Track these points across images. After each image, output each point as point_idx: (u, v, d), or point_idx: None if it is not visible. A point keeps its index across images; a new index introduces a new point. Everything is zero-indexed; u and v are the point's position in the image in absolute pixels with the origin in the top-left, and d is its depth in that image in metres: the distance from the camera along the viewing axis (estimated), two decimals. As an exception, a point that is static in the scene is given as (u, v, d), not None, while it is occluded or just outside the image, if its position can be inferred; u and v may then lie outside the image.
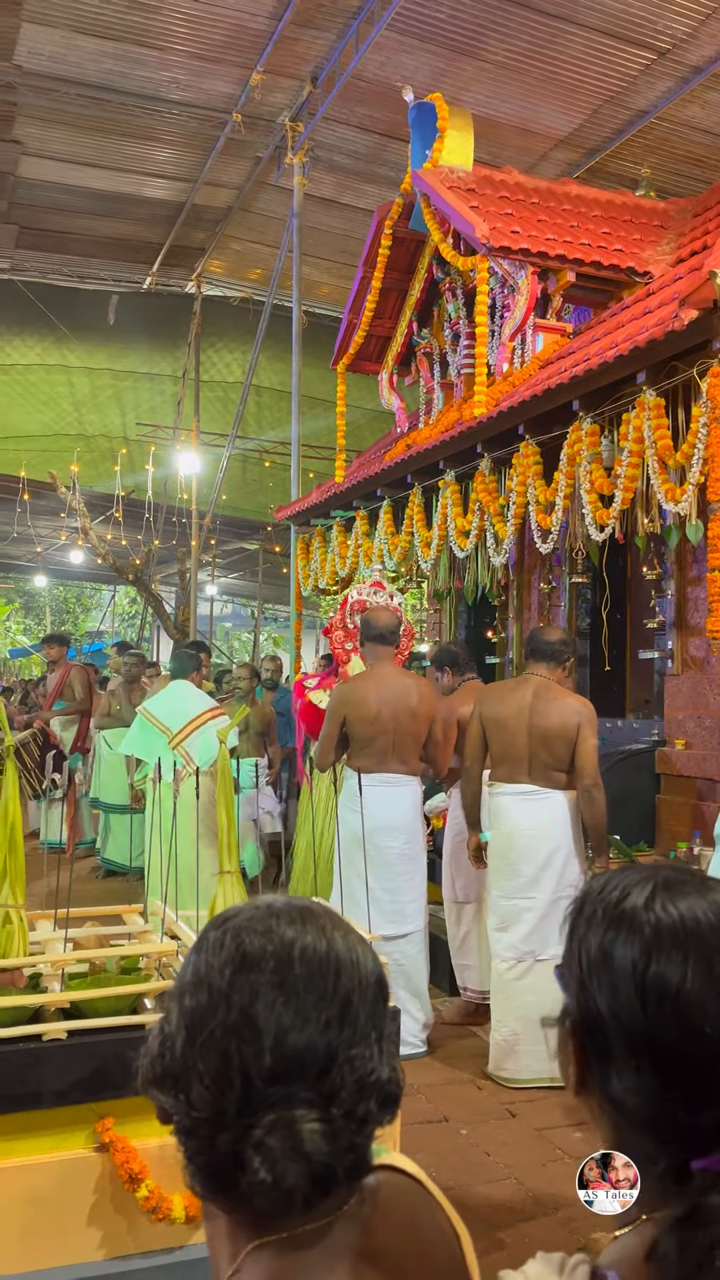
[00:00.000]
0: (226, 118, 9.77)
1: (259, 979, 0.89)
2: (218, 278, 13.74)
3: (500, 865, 4.29)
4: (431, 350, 7.75)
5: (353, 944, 0.93)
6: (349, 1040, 0.88)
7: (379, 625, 4.71)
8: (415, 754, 4.60)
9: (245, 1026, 0.87)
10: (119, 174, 11.14)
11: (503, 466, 5.88)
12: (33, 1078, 2.48)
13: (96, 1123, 2.52)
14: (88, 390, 14.90)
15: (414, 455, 6.67)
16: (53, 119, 9.99)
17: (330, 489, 8.19)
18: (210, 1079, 0.88)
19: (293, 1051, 0.87)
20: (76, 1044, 2.53)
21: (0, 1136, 2.45)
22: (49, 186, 11.37)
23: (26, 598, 27.93)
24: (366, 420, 13.24)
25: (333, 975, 0.90)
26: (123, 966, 2.84)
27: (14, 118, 10.08)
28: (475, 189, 6.62)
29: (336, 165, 10.34)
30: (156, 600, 15.43)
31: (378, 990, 0.93)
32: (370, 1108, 0.89)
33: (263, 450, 15.43)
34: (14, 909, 2.66)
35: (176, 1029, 0.91)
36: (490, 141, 8.53)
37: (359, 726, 4.52)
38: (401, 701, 4.53)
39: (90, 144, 10.49)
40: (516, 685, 4.38)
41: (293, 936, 0.91)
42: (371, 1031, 0.90)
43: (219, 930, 0.94)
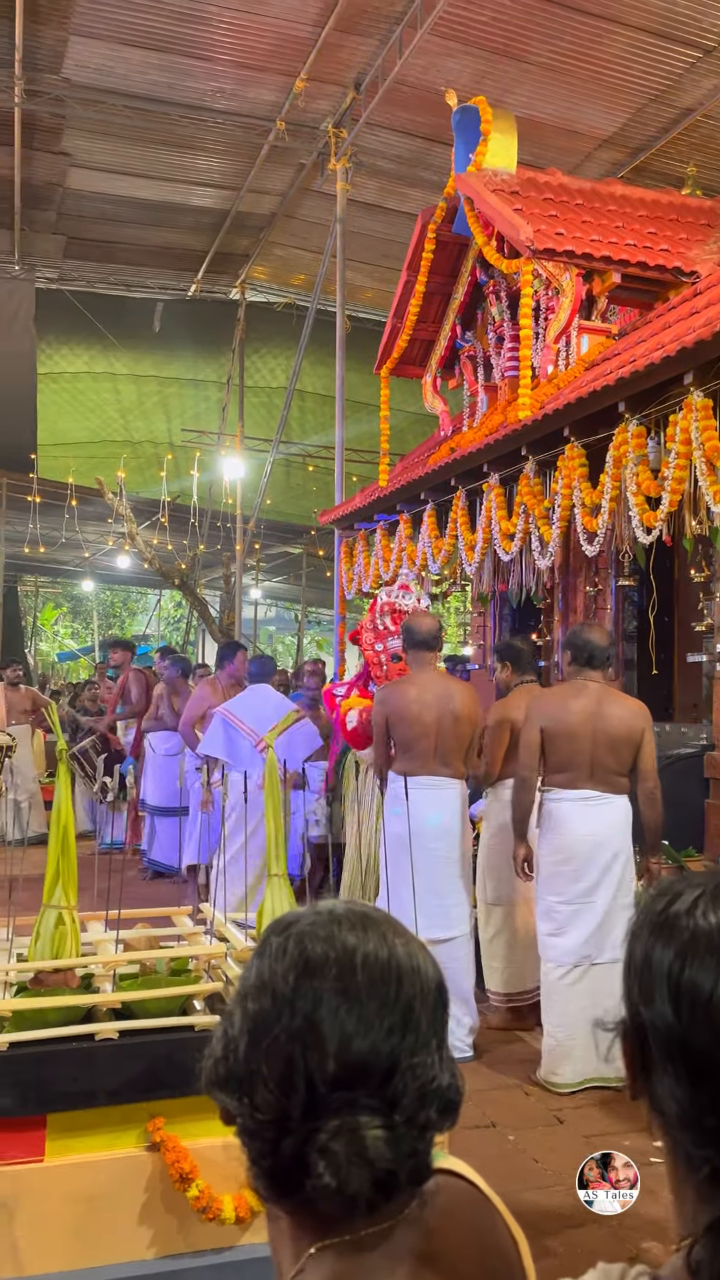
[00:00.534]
0: (270, 125, 9.83)
1: (322, 985, 0.90)
2: (261, 284, 13.83)
3: (560, 870, 4.25)
4: (475, 353, 7.74)
5: (413, 951, 0.94)
6: (411, 1047, 0.89)
7: (422, 631, 4.71)
8: (459, 757, 4.59)
9: (309, 1032, 0.88)
10: (164, 183, 11.27)
11: (547, 469, 5.85)
12: (85, 1076, 2.52)
13: (148, 1122, 2.55)
14: (134, 397, 15.07)
15: (458, 458, 6.65)
16: (100, 131, 10.13)
17: (374, 492, 8.20)
18: (275, 1083, 0.89)
19: (356, 1058, 0.88)
20: (128, 1044, 2.56)
21: (55, 1134, 2.48)
22: (96, 197, 11.53)
23: (74, 602, 28.25)
24: (410, 424, 13.24)
25: (394, 982, 0.91)
26: (173, 968, 2.87)
27: (62, 130, 10.24)
28: (519, 191, 6.59)
29: (379, 170, 10.36)
30: (202, 604, 15.54)
31: (438, 997, 0.94)
32: (431, 1115, 0.90)
33: (306, 455, 15.49)
34: (66, 910, 2.70)
35: (240, 1032, 0.92)
36: (533, 143, 8.50)
37: (401, 730, 4.53)
38: (443, 705, 4.53)
39: (136, 154, 10.62)
40: (576, 692, 4.31)
41: (355, 943, 0.92)
42: (433, 1039, 0.91)
43: (281, 936, 0.95)
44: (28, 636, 23.41)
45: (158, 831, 8.32)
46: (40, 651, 24.13)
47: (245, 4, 8.19)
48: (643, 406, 5.02)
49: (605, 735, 4.21)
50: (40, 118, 9.97)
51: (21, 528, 15.25)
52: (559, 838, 4.27)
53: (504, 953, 4.87)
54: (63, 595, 27.34)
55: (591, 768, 4.22)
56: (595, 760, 4.22)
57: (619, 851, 4.22)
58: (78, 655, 24.98)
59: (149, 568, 14.28)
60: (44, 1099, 2.46)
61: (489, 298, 7.42)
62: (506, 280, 7.07)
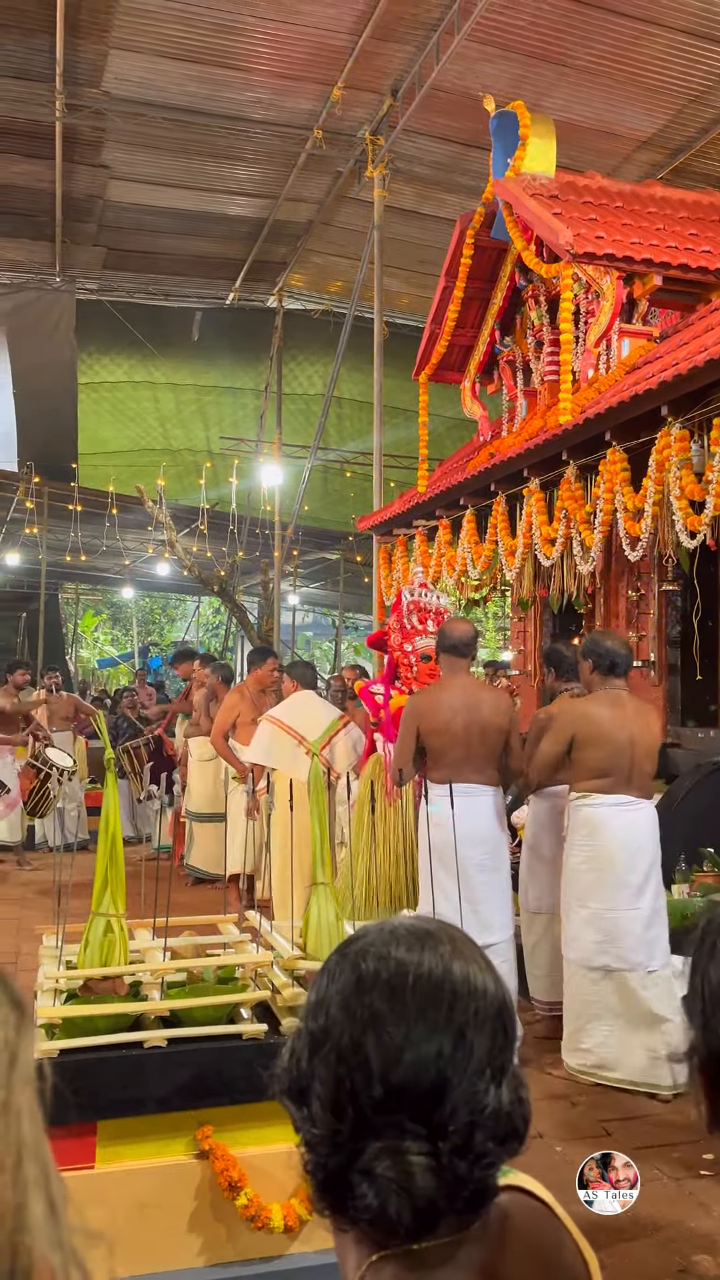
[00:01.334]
0: (308, 134, 9.88)
1: (370, 1005, 0.88)
2: (299, 291, 13.89)
3: (602, 878, 4.24)
4: (514, 358, 7.71)
5: (474, 971, 0.92)
6: (462, 1071, 0.87)
7: (454, 636, 4.69)
8: (493, 764, 4.54)
9: (354, 1053, 0.87)
10: (203, 193, 11.36)
11: (589, 473, 5.81)
12: (135, 1084, 2.53)
13: (196, 1130, 2.56)
14: (173, 406, 15.19)
15: (498, 463, 6.63)
16: (139, 143, 10.23)
17: (412, 498, 8.20)
18: (326, 1100, 0.88)
19: (400, 1081, 0.86)
20: (176, 1051, 2.57)
21: (104, 1141, 2.50)
22: (136, 209, 11.65)
23: (114, 609, 28.52)
24: (448, 429, 13.22)
25: (446, 1003, 0.89)
26: (220, 976, 2.88)
27: (102, 143, 10.36)
28: (558, 195, 6.57)
29: (417, 176, 10.37)
30: (240, 610, 15.60)
31: (498, 1021, 0.91)
32: (486, 1144, 0.87)
33: (344, 461, 15.52)
34: (115, 918, 2.72)
35: (302, 1047, 0.92)
36: (572, 146, 8.45)
37: (431, 738, 4.51)
38: (474, 712, 4.50)
39: (175, 165, 10.72)
40: (612, 701, 4.37)
41: (408, 961, 0.90)
42: (489, 1065, 0.89)
43: (341, 952, 0.95)
44: (68, 643, 23.67)
45: (197, 837, 8.36)
46: (80, 658, 24.37)
47: (282, 14, 8.24)
48: (686, 410, 4.98)
49: (644, 744, 4.30)
50: (81, 131, 10.09)
51: (63, 536, 15.41)
52: (598, 844, 4.26)
53: (547, 961, 4.83)
54: (103, 602, 27.60)
55: (630, 774, 4.29)
56: (635, 767, 4.29)
57: (656, 854, 4.31)
58: (117, 662, 25.18)
59: (188, 575, 14.36)
60: (94, 1106, 2.48)
61: (528, 302, 7.39)
62: (546, 284, 7.04)
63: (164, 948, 2.93)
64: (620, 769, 4.28)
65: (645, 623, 6.71)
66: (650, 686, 6.66)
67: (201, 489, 14.21)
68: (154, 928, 3.08)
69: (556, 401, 6.28)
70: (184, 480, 15.49)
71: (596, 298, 6.35)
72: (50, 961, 2.90)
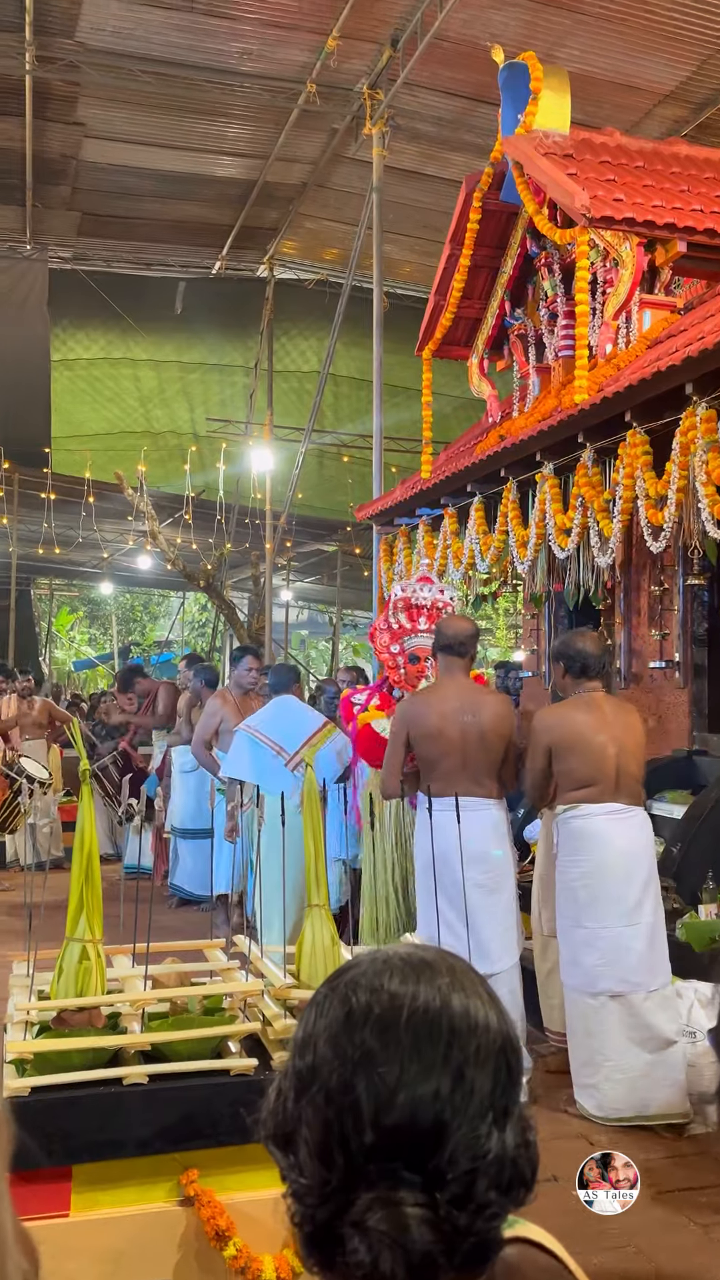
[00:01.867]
0: (300, 88, 9.88)
1: (360, 1042, 0.88)
2: (291, 259, 13.89)
3: (596, 894, 4.25)
4: (526, 332, 7.71)
5: (476, 1004, 0.92)
6: (462, 1115, 0.87)
7: (448, 633, 4.69)
8: (491, 775, 4.54)
9: (344, 1095, 0.87)
10: (186, 153, 11.35)
11: (607, 458, 5.81)
12: (113, 1124, 2.54)
13: (181, 1174, 2.56)
14: (154, 384, 15.20)
15: (508, 447, 6.63)
16: (117, 98, 10.23)
17: (416, 485, 8.19)
18: (314, 1146, 0.88)
19: (394, 1125, 0.85)
20: (158, 1089, 2.58)
21: (80, 1187, 2.50)
22: (113, 170, 11.64)
23: (92, 606, 28.54)
24: (454, 409, 13.22)
25: (444, 1039, 0.88)
26: (206, 1006, 2.88)
27: (77, 99, 10.36)
28: (573, 154, 6.56)
29: (419, 134, 10.36)
30: (229, 607, 15.62)
31: (502, 1059, 0.91)
32: (489, 1194, 0.87)
33: (341, 445, 15.53)
34: (91, 944, 2.72)
35: (289, 1088, 0.92)
36: (588, 101, 8.46)
37: (423, 745, 4.51)
38: (470, 717, 4.50)
39: (156, 123, 10.72)
40: (587, 704, 4.43)
41: (402, 993, 0.90)
42: (493, 1106, 0.88)
43: (330, 984, 0.95)
44: (42, 644, 23.68)
45: (182, 855, 8.36)
46: (56, 660, 24.39)
47: (272, -43, 8.26)
48: (713, 388, 4.97)
49: (627, 746, 4.36)
50: (53, 85, 10.09)
51: (35, 527, 15.41)
52: (591, 858, 4.28)
53: (562, 988, 4.84)
54: (79, 599, 27.62)
55: (617, 779, 4.34)
56: (621, 771, 4.34)
57: (652, 864, 4.35)
58: (95, 664, 25.18)
59: (172, 569, 14.39)
60: (68, 1149, 2.48)
61: (541, 271, 7.38)
62: (560, 252, 7.03)
63: (145, 976, 2.93)
64: (605, 775, 4.32)
65: (669, 620, 6.72)
66: (674, 689, 6.66)
67: (186, 475, 14.22)
68: (134, 954, 3.08)
69: (572, 379, 6.28)
70: (167, 465, 15.50)
71: (615, 266, 6.35)
72: (21, 991, 2.90)
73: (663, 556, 6.28)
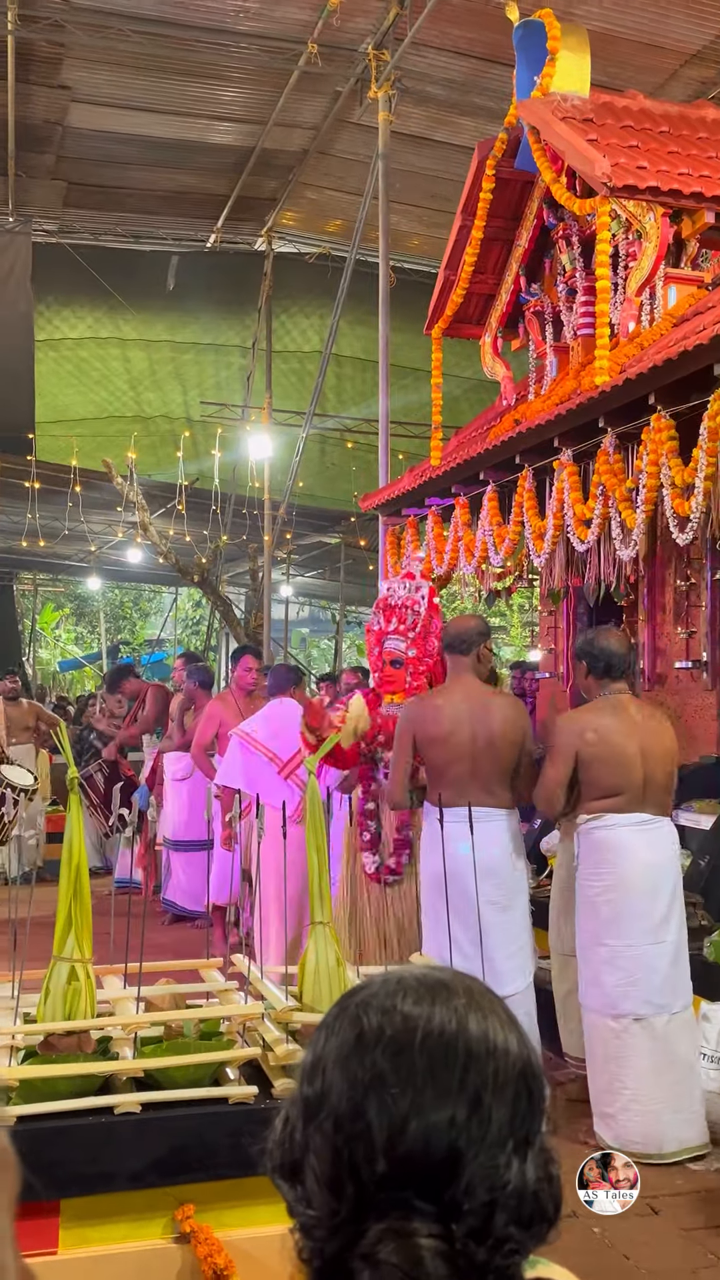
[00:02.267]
0: (301, 49, 9.88)
1: (372, 1065, 0.89)
2: (291, 232, 13.89)
3: (620, 910, 4.25)
4: (543, 309, 7.70)
5: (495, 1026, 0.92)
6: (479, 1143, 0.87)
7: (454, 632, 4.72)
8: (503, 783, 4.55)
9: (354, 1121, 0.88)
10: (179, 118, 11.36)
11: (630, 443, 5.80)
12: (103, 1156, 2.54)
13: (176, 1209, 2.57)
14: (145, 366, 15.20)
15: (524, 432, 6.63)
16: (104, 60, 10.24)
17: (424, 473, 8.19)
18: (322, 1175, 0.89)
19: (407, 1153, 0.86)
20: (152, 1118, 2.58)
21: (69, 1223, 2.50)
22: (100, 136, 11.65)
23: (78, 602, 28.58)
24: (466, 392, 13.22)
25: (459, 1064, 0.89)
26: (202, 1030, 2.89)
27: (61, 60, 10.37)
28: (593, 119, 6.55)
29: (428, 97, 10.36)
30: (225, 603, 15.64)
31: (522, 1085, 0.91)
32: (508, 1228, 0.87)
33: (345, 430, 15.52)
34: (80, 963, 2.73)
35: (296, 1115, 0.93)
36: (609, 61, 8.44)
37: (430, 751, 4.52)
38: (480, 721, 4.50)
39: (147, 86, 10.72)
40: (614, 708, 4.43)
41: (416, 1015, 0.91)
42: (511, 1136, 0.89)
43: (341, 1006, 0.95)
44: (25, 642, 23.72)
45: (175, 869, 8.37)
46: (40, 659, 24.43)
47: None
48: (743, 368, 4.97)
49: (655, 753, 4.36)
50: (36, 46, 10.09)
51: (18, 518, 15.43)
52: (615, 871, 4.28)
53: (577, 1010, 4.85)
54: (65, 595, 27.66)
55: (645, 789, 4.34)
56: (649, 780, 4.35)
57: (677, 881, 4.37)
58: (82, 664, 25.21)
59: (164, 562, 14.40)
60: (56, 1182, 2.48)
61: (558, 244, 7.38)
62: (579, 223, 7.03)
63: (137, 997, 2.93)
64: (633, 784, 4.32)
65: (696, 617, 6.71)
66: (701, 691, 6.66)
67: (179, 463, 14.22)
68: (125, 974, 3.08)
69: (592, 359, 6.27)
70: (159, 452, 15.50)
71: (638, 238, 6.34)
72: (5, 1014, 2.91)
73: (689, 549, 6.27)
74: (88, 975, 2.75)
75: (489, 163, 7.48)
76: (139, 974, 2.96)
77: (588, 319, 6.82)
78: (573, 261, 7.21)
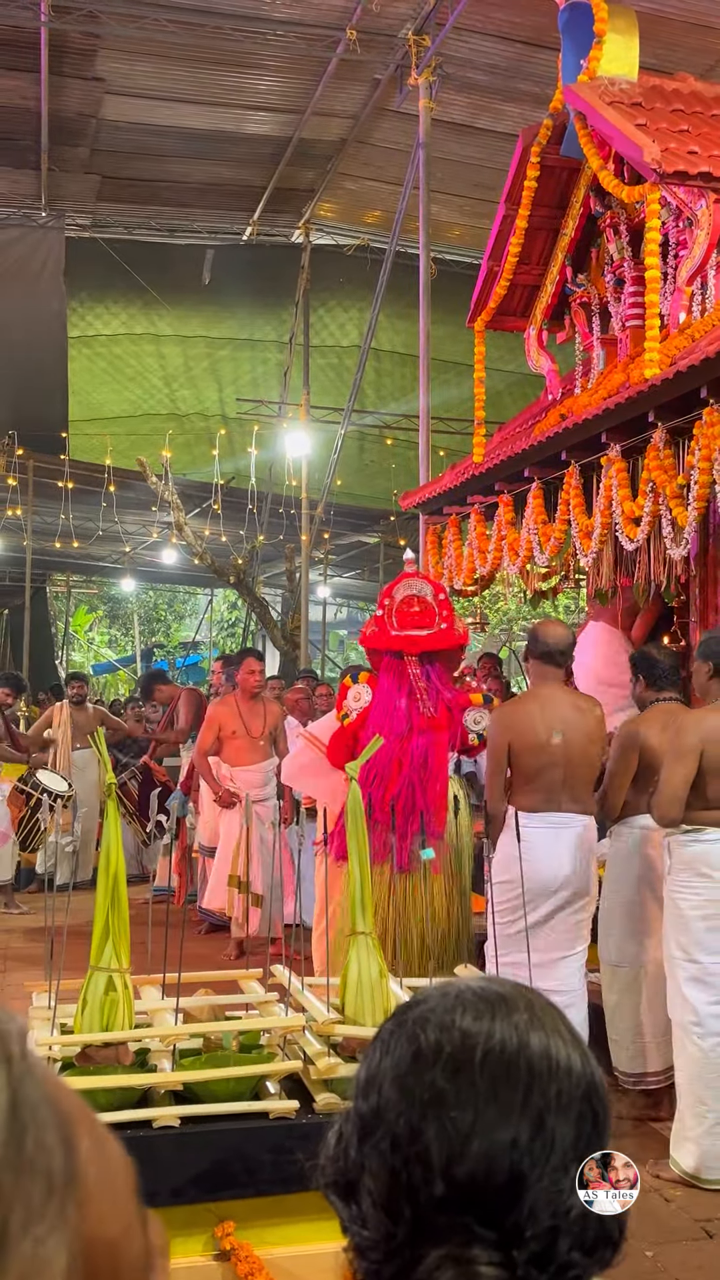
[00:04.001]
0: (339, 35, 9.89)
1: (430, 1083, 0.88)
2: (329, 223, 13.91)
3: (713, 925, 4.24)
4: (590, 300, 7.66)
5: (557, 1043, 0.91)
6: (543, 1165, 0.86)
7: (547, 641, 4.77)
8: (589, 790, 4.65)
9: (412, 1142, 0.87)
10: (215, 109, 11.41)
11: (681, 438, 5.76)
12: (142, 1171, 2.53)
13: (216, 1226, 2.57)
14: (180, 362, 15.28)
15: (570, 427, 6.60)
16: (139, 50, 10.31)
17: (466, 470, 8.18)
18: (380, 1198, 0.88)
19: (467, 1175, 0.85)
20: (191, 1133, 2.59)
21: (107, 1238, 2.51)
22: (135, 129, 11.73)
23: (112, 604, 28.76)
24: (509, 386, 13.18)
25: (522, 1083, 0.88)
26: (242, 1043, 2.89)
27: (96, 52, 10.45)
28: (642, 103, 6.52)
29: (470, 83, 10.34)
30: (261, 605, 15.69)
31: (586, 1105, 0.90)
32: (571, 1254, 0.86)
33: (384, 426, 15.52)
34: (118, 973, 2.74)
35: (351, 1132, 0.92)
36: (658, 43, 8.39)
37: (526, 757, 4.57)
38: (576, 726, 4.59)
39: (182, 76, 10.79)
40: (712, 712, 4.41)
41: (476, 1031, 0.90)
42: (576, 1158, 0.88)
43: (396, 1021, 0.94)
44: (59, 645, 23.91)
45: (212, 877, 8.41)
46: (73, 663, 24.60)
47: None
48: None
49: None
50: (70, 38, 10.18)
51: (51, 518, 15.56)
52: (712, 886, 4.24)
53: (631, 1025, 4.83)
54: (99, 597, 27.85)
55: None
56: None
57: None
58: (116, 667, 25.40)
59: (199, 563, 14.46)
60: (94, 1196, 2.49)
61: (605, 232, 7.34)
62: (627, 211, 6.99)
63: (176, 1009, 2.95)
64: None
65: (750, 618, 6.64)
66: None
67: (215, 461, 14.29)
68: (164, 984, 3.10)
69: (641, 351, 6.23)
70: (194, 451, 15.59)
71: (689, 226, 6.30)
72: (42, 1025, 2.93)
73: (743, 547, 6.22)
74: (125, 985, 2.76)
75: (533, 150, 7.46)
76: (178, 984, 2.97)
77: (636, 310, 6.79)
78: (621, 251, 7.17)
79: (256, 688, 7.65)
